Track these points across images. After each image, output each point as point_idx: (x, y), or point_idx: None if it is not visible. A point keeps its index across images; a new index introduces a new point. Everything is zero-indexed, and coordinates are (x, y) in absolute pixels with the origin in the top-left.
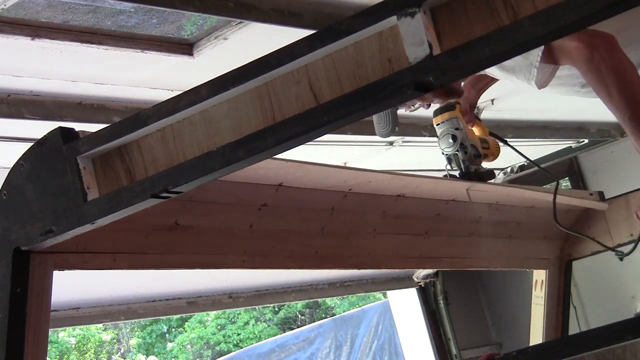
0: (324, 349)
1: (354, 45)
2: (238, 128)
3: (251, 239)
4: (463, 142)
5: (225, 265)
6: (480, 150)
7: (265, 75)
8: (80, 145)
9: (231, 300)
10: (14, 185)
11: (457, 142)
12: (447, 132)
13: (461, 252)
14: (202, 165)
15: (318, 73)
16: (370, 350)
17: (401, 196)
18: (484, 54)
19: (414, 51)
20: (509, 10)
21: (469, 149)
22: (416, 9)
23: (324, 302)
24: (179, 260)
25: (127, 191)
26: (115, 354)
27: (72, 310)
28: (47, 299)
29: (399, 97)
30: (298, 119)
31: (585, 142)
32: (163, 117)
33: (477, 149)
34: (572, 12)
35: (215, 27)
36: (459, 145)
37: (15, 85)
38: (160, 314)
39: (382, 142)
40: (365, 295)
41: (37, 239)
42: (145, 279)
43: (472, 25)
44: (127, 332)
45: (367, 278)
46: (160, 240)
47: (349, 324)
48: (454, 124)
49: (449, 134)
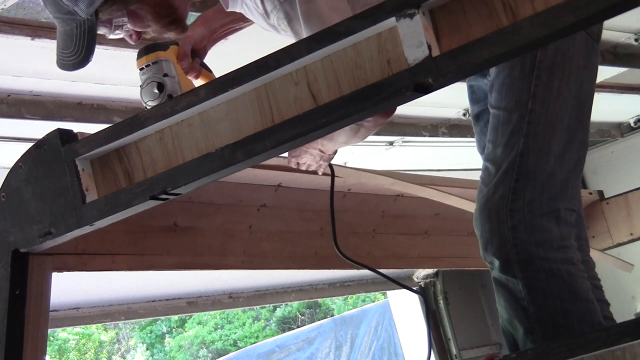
0: (323, 349)
1: (353, 47)
2: (237, 130)
3: (250, 239)
4: (173, 94)
5: (224, 266)
6: None
7: (264, 77)
8: (79, 147)
9: (231, 301)
10: (12, 187)
11: (164, 94)
12: (153, 79)
13: (461, 252)
14: (200, 166)
15: (317, 74)
16: (370, 351)
17: (400, 196)
18: (483, 56)
19: (413, 52)
20: (508, 11)
21: None
22: (415, 10)
23: (324, 303)
24: (178, 261)
25: (126, 193)
26: (115, 354)
27: (72, 310)
28: (45, 300)
29: (398, 99)
30: (297, 120)
31: None
32: (161, 119)
33: None
34: (571, 13)
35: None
36: (166, 97)
37: (15, 85)
38: (160, 314)
39: (382, 142)
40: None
41: (35, 240)
42: (145, 279)
43: (471, 27)
44: (127, 332)
45: (367, 278)
46: (159, 242)
47: (348, 324)
48: (162, 69)
49: (154, 82)
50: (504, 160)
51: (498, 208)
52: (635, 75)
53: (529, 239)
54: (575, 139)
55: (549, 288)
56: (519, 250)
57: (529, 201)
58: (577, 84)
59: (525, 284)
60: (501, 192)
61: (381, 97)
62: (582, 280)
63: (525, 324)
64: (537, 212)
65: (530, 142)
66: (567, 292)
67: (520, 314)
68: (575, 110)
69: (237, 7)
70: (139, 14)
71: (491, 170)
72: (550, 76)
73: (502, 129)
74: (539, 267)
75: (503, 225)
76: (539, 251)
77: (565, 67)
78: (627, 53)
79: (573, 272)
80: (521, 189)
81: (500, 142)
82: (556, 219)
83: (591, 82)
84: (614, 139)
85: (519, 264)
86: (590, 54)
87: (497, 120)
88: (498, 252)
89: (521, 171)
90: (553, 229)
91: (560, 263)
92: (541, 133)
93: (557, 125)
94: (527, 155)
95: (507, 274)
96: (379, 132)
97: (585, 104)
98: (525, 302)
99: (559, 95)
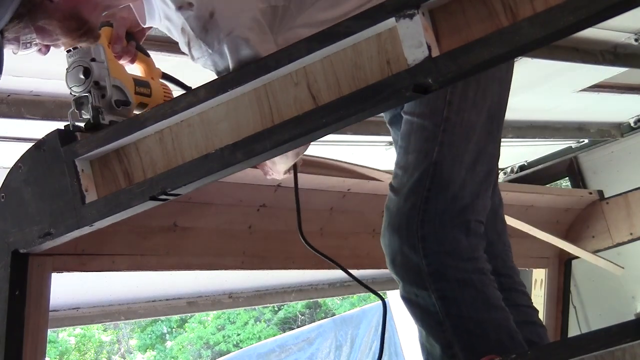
0: (324, 349)
1: (353, 47)
2: (236, 130)
3: (250, 239)
4: (100, 81)
5: (224, 266)
6: (130, 96)
7: (264, 77)
8: (79, 147)
9: (231, 301)
10: (12, 187)
11: (91, 80)
12: (79, 63)
13: None
14: (200, 167)
15: (317, 75)
16: (370, 350)
17: None
18: (483, 56)
19: (413, 53)
20: (508, 12)
21: (108, 92)
22: (415, 10)
23: (324, 303)
24: (177, 261)
25: (125, 193)
26: (115, 354)
27: (72, 310)
28: (45, 301)
29: (398, 99)
30: (296, 121)
31: (585, 142)
32: (161, 119)
33: (126, 93)
34: (571, 14)
35: None
36: (93, 83)
37: (15, 85)
38: (160, 314)
39: (382, 142)
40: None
41: (35, 241)
42: (145, 279)
43: (470, 27)
44: (127, 332)
45: (367, 278)
46: (159, 242)
47: (349, 324)
48: (90, 52)
49: (80, 67)
50: (416, 168)
51: (409, 218)
52: (635, 75)
53: (440, 249)
54: (486, 150)
55: (463, 298)
56: (430, 262)
57: (440, 211)
58: (490, 96)
59: (438, 296)
60: (412, 201)
61: (381, 98)
62: (494, 289)
63: (442, 340)
64: (448, 223)
65: (444, 151)
66: (481, 301)
67: (436, 329)
68: (486, 122)
69: (155, 23)
70: (47, 29)
71: (402, 178)
72: (466, 85)
73: (415, 136)
74: (451, 277)
75: (413, 236)
76: (449, 261)
77: (480, 77)
78: (627, 53)
79: (485, 281)
80: (433, 198)
81: (412, 149)
82: (466, 230)
83: (504, 95)
84: (614, 139)
85: (430, 276)
86: (507, 68)
87: (410, 127)
88: (408, 264)
89: (435, 181)
90: (462, 240)
91: (471, 273)
92: (456, 142)
93: (470, 136)
94: (442, 165)
95: (418, 287)
96: (379, 132)
97: (495, 116)
98: (440, 316)
99: (474, 106)
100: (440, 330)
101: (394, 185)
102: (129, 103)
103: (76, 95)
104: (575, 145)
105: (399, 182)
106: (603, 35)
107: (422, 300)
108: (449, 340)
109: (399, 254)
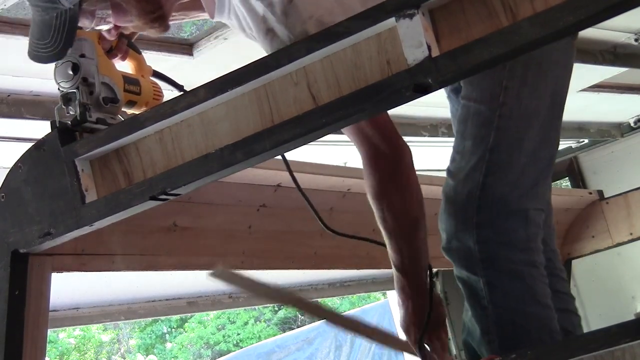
0: (323, 349)
1: (353, 47)
2: (236, 130)
3: (250, 239)
4: (88, 77)
5: (224, 266)
6: (119, 94)
7: (264, 77)
8: (78, 147)
9: (231, 300)
10: (11, 187)
11: (79, 76)
12: (68, 58)
13: None
14: (200, 167)
15: (316, 75)
16: (370, 351)
17: None
18: (483, 56)
19: (413, 53)
20: (508, 12)
21: (96, 89)
22: (415, 10)
23: (324, 303)
24: (177, 261)
25: (125, 193)
26: (115, 354)
27: (72, 311)
28: (45, 301)
29: (398, 100)
30: (296, 121)
31: (585, 142)
32: (161, 119)
33: (115, 90)
34: (571, 14)
35: (215, 27)
36: (81, 80)
37: (15, 85)
38: (160, 314)
39: None
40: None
41: (35, 241)
42: (145, 279)
43: (470, 27)
44: (127, 333)
45: (367, 278)
46: (158, 242)
47: None
48: (80, 48)
49: (68, 62)
50: (473, 154)
51: (465, 204)
52: (635, 75)
53: (494, 237)
54: (549, 137)
55: (510, 289)
56: (483, 249)
57: (497, 199)
58: (553, 81)
59: (486, 281)
60: (469, 187)
61: (381, 98)
62: (543, 285)
63: (483, 324)
64: (505, 210)
65: (500, 136)
66: (528, 295)
67: (479, 313)
68: (550, 108)
69: (223, 18)
70: (123, 8)
71: (459, 163)
72: (525, 69)
73: (472, 121)
74: (502, 267)
75: (469, 221)
76: (502, 251)
77: (542, 61)
78: (627, 53)
79: (535, 275)
80: (490, 185)
81: (469, 134)
82: (524, 219)
83: (566, 80)
84: (614, 139)
85: (482, 262)
86: (569, 52)
87: (467, 112)
88: (461, 249)
89: (491, 167)
90: (519, 230)
91: (523, 265)
92: (514, 128)
93: (532, 121)
94: (498, 151)
95: (468, 271)
96: None
97: (558, 103)
98: (485, 301)
99: (535, 91)
100: (483, 315)
101: (451, 169)
102: (117, 100)
103: (64, 91)
104: (575, 145)
105: (456, 167)
106: (603, 35)
107: (473, 283)
108: (489, 326)
109: (454, 239)
